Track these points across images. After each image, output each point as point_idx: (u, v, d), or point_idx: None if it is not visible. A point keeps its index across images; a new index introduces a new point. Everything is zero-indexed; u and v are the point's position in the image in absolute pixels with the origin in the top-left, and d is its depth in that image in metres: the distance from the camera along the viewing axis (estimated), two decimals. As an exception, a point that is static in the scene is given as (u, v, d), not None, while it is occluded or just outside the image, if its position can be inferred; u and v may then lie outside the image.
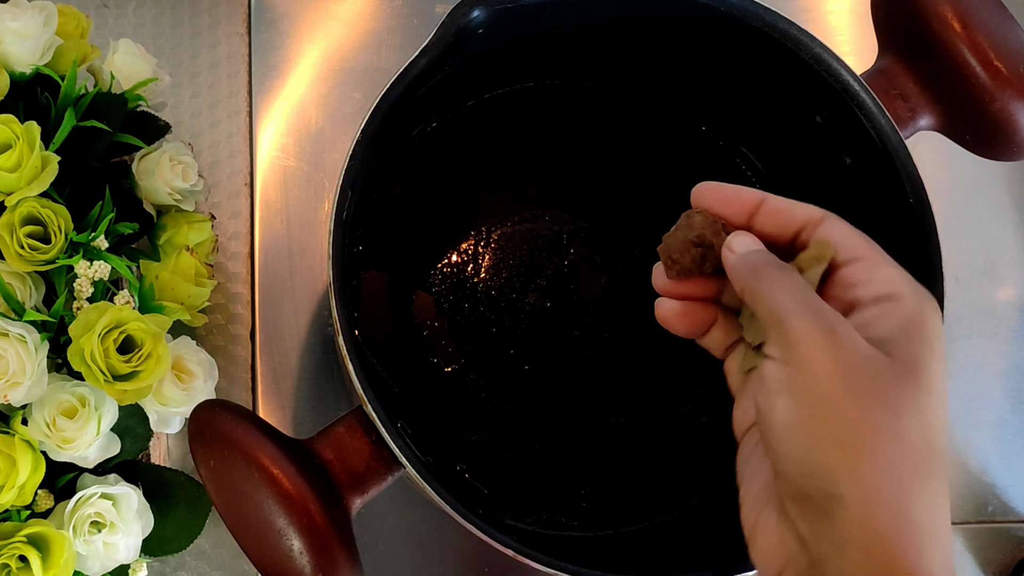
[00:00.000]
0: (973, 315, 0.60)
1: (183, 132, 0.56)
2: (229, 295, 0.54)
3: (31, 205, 0.40)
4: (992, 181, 0.62)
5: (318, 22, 0.59)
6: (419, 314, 0.49)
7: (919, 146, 0.43)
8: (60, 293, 0.42)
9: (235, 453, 0.34)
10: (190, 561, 0.51)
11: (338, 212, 0.38)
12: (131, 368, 0.40)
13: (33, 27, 0.42)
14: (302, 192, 0.56)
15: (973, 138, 0.44)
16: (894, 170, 0.41)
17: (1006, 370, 0.60)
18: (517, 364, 0.48)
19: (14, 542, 0.39)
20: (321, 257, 0.55)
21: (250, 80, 0.57)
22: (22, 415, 0.41)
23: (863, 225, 0.32)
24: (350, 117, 0.58)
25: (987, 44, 0.41)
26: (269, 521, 0.34)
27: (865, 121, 0.41)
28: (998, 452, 0.58)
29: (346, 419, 0.37)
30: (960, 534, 0.57)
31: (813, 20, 0.63)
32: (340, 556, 0.34)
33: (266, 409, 0.54)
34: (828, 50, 0.42)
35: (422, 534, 0.53)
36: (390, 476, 0.37)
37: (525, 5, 0.41)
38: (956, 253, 0.60)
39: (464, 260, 0.50)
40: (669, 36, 0.45)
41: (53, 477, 0.43)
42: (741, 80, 0.47)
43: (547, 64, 0.49)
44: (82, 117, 0.44)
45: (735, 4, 0.42)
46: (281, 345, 0.54)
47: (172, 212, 0.48)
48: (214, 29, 0.58)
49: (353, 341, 0.37)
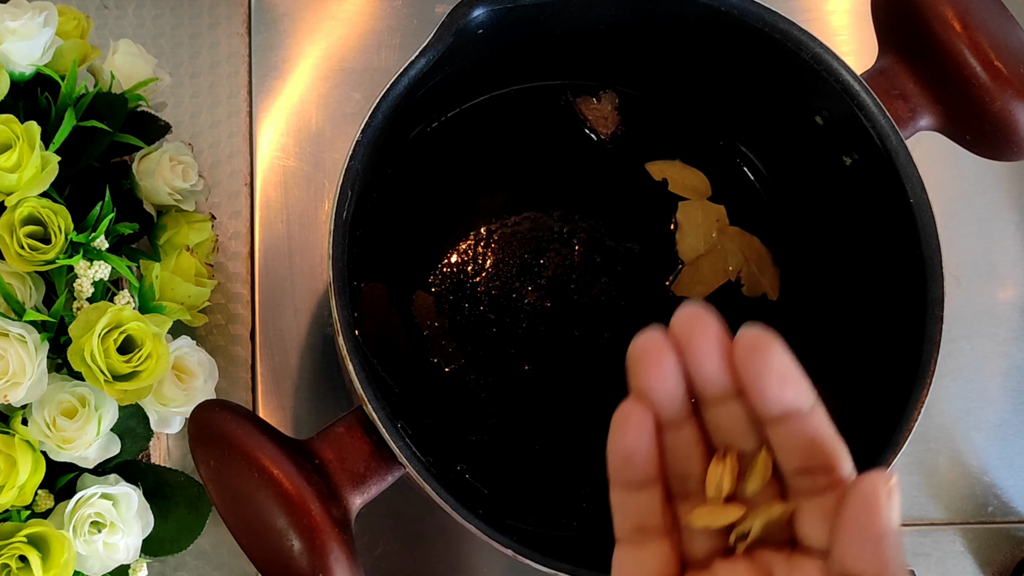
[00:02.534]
0: (973, 315, 0.60)
1: (183, 132, 0.56)
2: (229, 295, 0.54)
3: (31, 205, 0.40)
4: (992, 181, 0.62)
5: (318, 22, 0.59)
6: (419, 314, 0.49)
7: (919, 146, 0.43)
8: (60, 293, 0.42)
9: (235, 453, 0.34)
10: (190, 561, 0.51)
11: (338, 212, 0.38)
12: (131, 368, 0.40)
13: (33, 27, 0.42)
14: (302, 192, 0.56)
15: (973, 138, 0.44)
16: (894, 170, 0.41)
17: (1006, 370, 0.60)
18: (517, 364, 0.48)
19: (14, 542, 0.39)
20: (321, 257, 0.55)
21: (250, 80, 0.57)
22: (22, 415, 0.41)
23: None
24: (350, 117, 0.58)
25: (987, 44, 0.41)
26: (269, 521, 0.34)
27: (865, 121, 0.41)
28: (998, 452, 0.58)
29: (346, 419, 0.37)
30: (960, 534, 0.57)
31: (813, 20, 0.63)
32: (340, 556, 0.34)
33: (266, 409, 0.54)
34: (828, 50, 0.42)
35: (422, 534, 0.53)
36: (390, 476, 0.37)
37: (525, 5, 0.41)
38: (956, 253, 0.60)
39: (464, 260, 0.50)
40: (669, 36, 0.45)
41: (53, 477, 0.42)
42: (741, 80, 0.47)
43: (547, 64, 0.49)
44: (82, 117, 0.44)
45: (735, 4, 0.42)
46: (281, 345, 0.54)
47: (172, 212, 0.48)
48: (214, 29, 0.58)
49: (353, 341, 0.37)
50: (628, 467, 0.27)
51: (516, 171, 0.51)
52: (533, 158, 0.51)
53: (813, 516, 0.27)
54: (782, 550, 0.27)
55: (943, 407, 0.58)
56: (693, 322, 0.26)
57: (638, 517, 0.28)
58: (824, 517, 0.26)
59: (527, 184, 0.51)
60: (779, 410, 0.26)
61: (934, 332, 0.39)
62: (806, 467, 0.26)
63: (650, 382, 0.26)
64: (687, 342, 0.26)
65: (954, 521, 0.57)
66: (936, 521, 0.57)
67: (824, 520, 0.26)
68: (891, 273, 0.43)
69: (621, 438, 0.27)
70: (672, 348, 0.26)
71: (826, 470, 0.26)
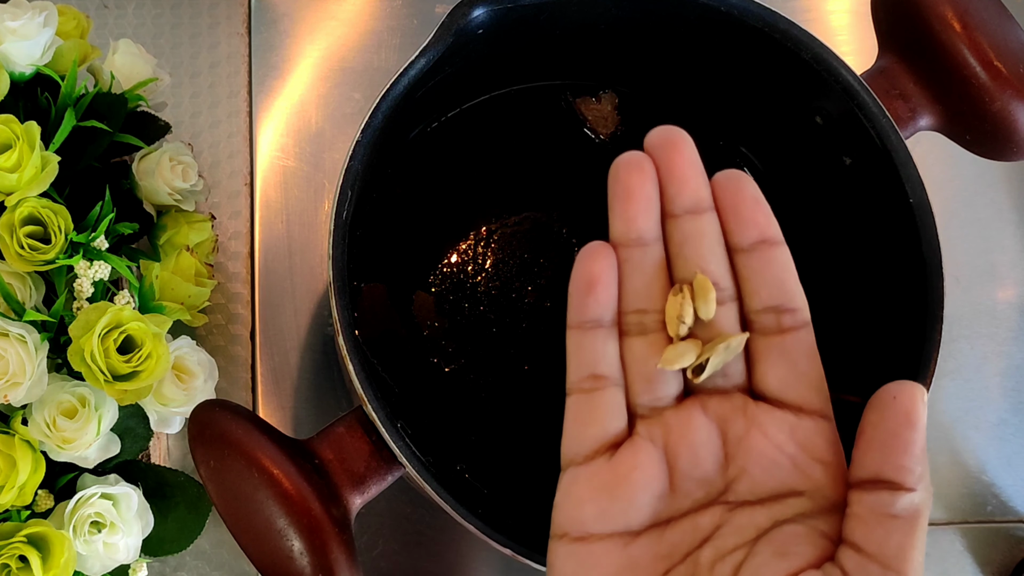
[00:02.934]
0: (973, 315, 0.60)
1: (183, 132, 0.56)
2: (229, 295, 0.54)
3: (31, 205, 0.40)
4: (992, 181, 0.62)
5: (318, 22, 0.59)
6: (419, 314, 0.49)
7: (919, 146, 0.43)
8: (60, 293, 0.42)
9: (235, 453, 0.34)
10: (190, 561, 0.51)
11: (338, 212, 0.38)
12: (131, 368, 0.40)
13: (33, 27, 0.42)
14: (302, 192, 0.56)
15: (973, 138, 0.44)
16: (894, 170, 0.41)
17: (1006, 370, 0.60)
18: (517, 364, 0.48)
19: (14, 542, 0.39)
20: (321, 257, 0.55)
21: (250, 80, 0.57)
22: (22, 415, 0.41)
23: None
24: (350, 117, 0.58)
25: (987, 44, 0.41)
26: (269, 521, 0.34)
27: (865, 121, 0.41)
28: (997, 452, 0.58)
29: (346, 419, 0.37)
30: (960, 534, 0.57)
31: (813, 20, 0.63)
32: (340, 556, 0.34)
33: (266, 409, 0.54)
34: (828, 50, 0.42)
35: (422, 534, 0.53)
36: (390, 476, 0.37)
37: (525, 5, 0.41)
38: (956, 253, 0.60)
39: (464, 260, 0.50)
40: (669, 36, 0.45)
41: (53, 477, 0.43)
42: (741, 80, 0.47)
43: (547, 64, 0.49)
44: (82, 117, 0.44)
45: (735, 4, 0.42)
46: (281, 345, 0.54)
47: (172, 212, 0.48)
48: (214, 29, 0.58)
49: (353, 341, 0.37)
50: (589, 297, 0.28)
51: (516, 171, 0.51)
52: (533, 158, 0.51)
53: (774, 357, 0.28)
54: (738, 405, 0.28)
55: (942, 407, 0.59)
56: (668, 135, 0.28)
57: (592, 361, 0.28)
58: (785, 358, 0.28)
59: (527, 184, 0.51)
60: (753, 234, 0.28)
61: (934, 332, 0.39)
62: (773, 305, 0.28)
63: (631, 184, 0.28)
64: (662, 154, 0.28)
65: (953, 521, 0.57)
66: (935, 521, 0.57)
67: (785, 361, 0.28)
68: (891, 273, 0.43)
69: (586, 265, 0.28)
70: (650, 161, 0.28)
71: (791, 311, 0.28)
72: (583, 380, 0.29)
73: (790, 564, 0.26)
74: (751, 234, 0.28)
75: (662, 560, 0.27)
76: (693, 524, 0.28)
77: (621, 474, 0.28)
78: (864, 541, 0.25)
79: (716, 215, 0.28)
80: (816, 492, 0.27)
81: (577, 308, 0.29)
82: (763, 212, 0.28)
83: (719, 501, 0.28)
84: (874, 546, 0.25)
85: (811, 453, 0.27)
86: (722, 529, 0.27)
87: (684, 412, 0.28)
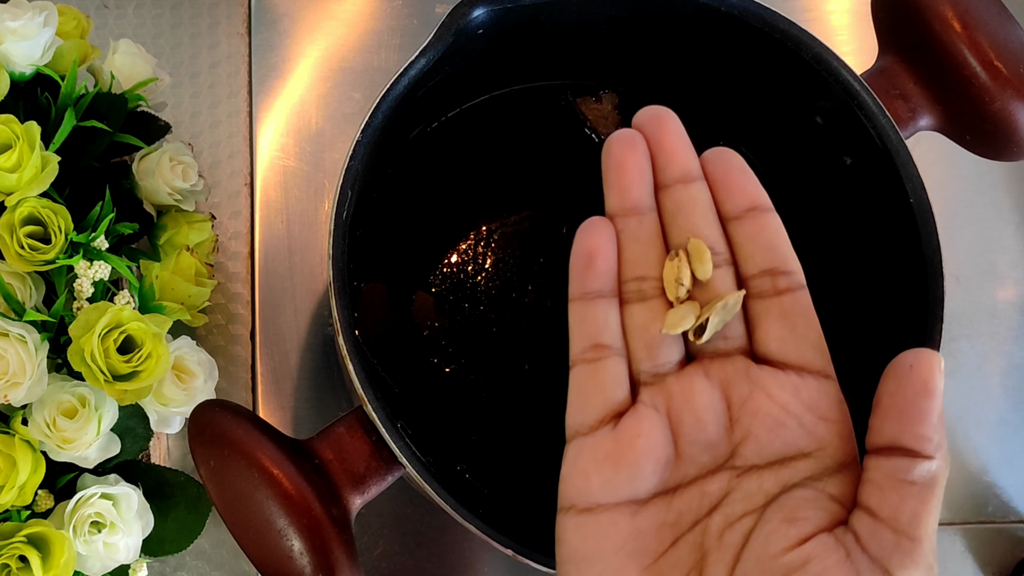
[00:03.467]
0: (973, 315, 0.60)
1: (183, 132, 0.56)
2: (229, 295, 0.54)
3: (31, 205, 0.40)
4: (992, 181, 0.62)
5: (318, 22, 0.59)
6: (419, 314, 0.49)
7: (919, 146, 0.43)
8: (60, 293, 0.42)
9: (235, 453, 0.34)
10: (190, 561, 0.51)
11: (338, 212, 0.38)
12: (131, 368, 0.40)
13: (33, 27, 0.42)
14: (302, 192, 0.56)
15: (973, 138, 0.44)
16: (894, 170, 0.41)
17: (1006, 369, 0.60)
18: (517, 364, 0.48)
19: (14, 542, 0.39)
20: (321, 257, 0.55)
21: (250, 80, 0.57)
22: (22, 415, 0.41)
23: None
24: (350, 117, 0.58)
25: (987, 44, 0.41)
26: (269, 521, 0.34)
27: (865, 121, 0.41)
28: (998, 451, 0.58)
29: (346, 419, 0.37)
30: (960, 534, 0.57)
31: (813, 20, 0.63)
32: (340, 556, 0.34)
33: (266, 409, 0.54)
34: (828, 50, 0.42)
35: (422, 534, 0.53)
36: (390, 476, 0.37)
37: (525, 5, 0.41)
38: (956, 253, 0.60)
39: (464, 260, 0.50)
40: (669, 36, 0.45)
41: (53, 477, 0.43)
42: (741, 80, 0.47)
43: (547, 64, 0.49)
44: (82, 117, 0.44)
45: (735, 4, 0.42)
46: (281, 345, 0.54)
47: (172, 212, 0.48)
48: (214, 29, 0.58)
49: (353, 341, 0.37)
50: (589, 268, 0.29)
51: (516, 171, 0.51)
52: (533, 158, 0.51)
53: (772, 319, 0.28)
54: (740, 368, 0.28)
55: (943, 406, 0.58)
56: (654, 112, 0.29)
57: (595, 331, 0.29)
58: (784, 319, 0.28)
59: (527, 184, 0.51)
60: (743, 202, 0.29)
61: (934, 332, 0.39)
62: (768, 268, 0.28)
63: (624, 158, 0.29)
64: (651, 129, 0.29)
65: (954, 521, 0.57)
66: (936, 521, 0.57)
67: (784, 322, 0.28)
68: (891, 273, 0.43)
69: (586, 238, 0.29)
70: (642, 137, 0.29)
71: (786, 273, 0.28)
72: (586, 351, 0.29)
73: (800, 530, 0.26)
74: (741, 202, 0.29)
75: (670, 528, 0.27)
76: (701, 491, 0.28)
77: (625, 442, 0.28)
78: (878, 506, 0.25)
79: (706, 184, 0.29)
80: (823, 452, 0.27)
81: (578, 280, 0.29)
82: (752, 181, 0.29)
83: (726, 467, 0.28)
84: (888, 511, 0.25)
85: (816, 412, 0.27)
86: (730, 496, 0.27)
87: (686, 377, 0.28)
